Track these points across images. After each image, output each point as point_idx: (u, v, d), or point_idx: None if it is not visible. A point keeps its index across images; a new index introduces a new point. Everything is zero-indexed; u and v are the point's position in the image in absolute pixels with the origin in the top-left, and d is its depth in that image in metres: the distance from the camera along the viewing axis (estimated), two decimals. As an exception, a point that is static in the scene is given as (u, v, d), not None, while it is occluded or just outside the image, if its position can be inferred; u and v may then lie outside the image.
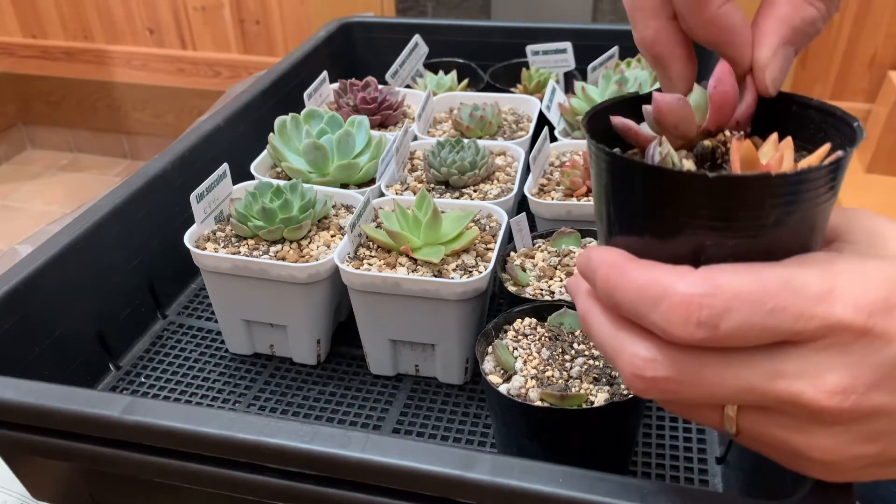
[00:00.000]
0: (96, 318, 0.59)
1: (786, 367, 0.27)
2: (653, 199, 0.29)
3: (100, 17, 1.99)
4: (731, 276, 0.27)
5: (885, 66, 1.48)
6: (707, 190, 0.27)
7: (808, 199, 0.28)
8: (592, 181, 0.33)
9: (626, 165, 0.30)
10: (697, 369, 0.28)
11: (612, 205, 0.31)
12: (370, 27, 1.01)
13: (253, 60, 1.91)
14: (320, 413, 0.57)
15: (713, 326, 0.26)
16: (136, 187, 0.63)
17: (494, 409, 0.48)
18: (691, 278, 0.27)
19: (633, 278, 0.28)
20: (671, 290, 0.27)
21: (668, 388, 0.28)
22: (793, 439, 0.28)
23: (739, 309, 0.26)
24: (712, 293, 0.26)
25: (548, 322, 0.50)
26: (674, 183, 0.28)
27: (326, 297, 0.58)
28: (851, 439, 0.27)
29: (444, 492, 0.36)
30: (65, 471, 0.48)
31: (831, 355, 0.26)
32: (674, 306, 0.26)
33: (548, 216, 0.64)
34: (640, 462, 0.51)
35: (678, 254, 0.29)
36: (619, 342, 0.29)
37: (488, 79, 0.91)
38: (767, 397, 0.27)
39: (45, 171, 2.21)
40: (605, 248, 0.30)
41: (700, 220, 0.28)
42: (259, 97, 0.80)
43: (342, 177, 0.66)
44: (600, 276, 0.29)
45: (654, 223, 0.29)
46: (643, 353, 0.28)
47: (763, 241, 0.28)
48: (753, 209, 0.27)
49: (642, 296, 0.28)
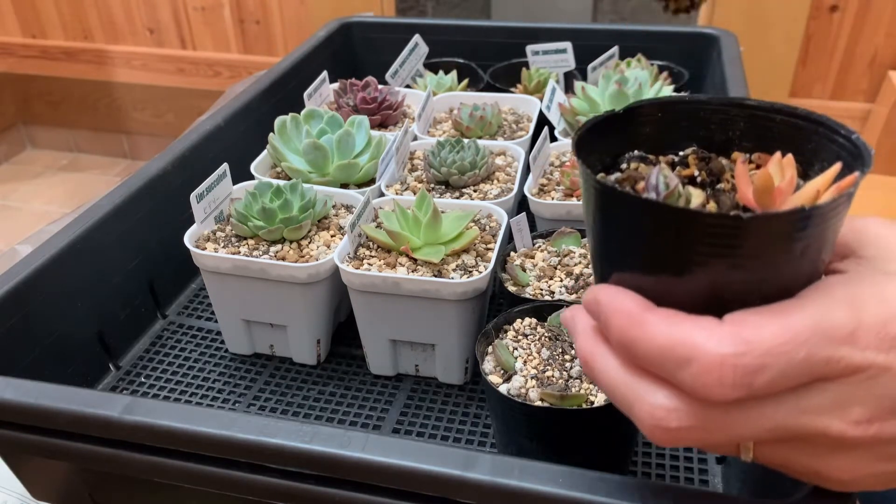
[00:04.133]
0: (96, 318, 0.59)
1: (813, 403, 0.26)
2: (674, 240, 0.27)
3: (100, 17, 1.99)
4: (759, 329, 0.26)
5: (885, 66, 1.48)
6: (739, 230, 0.26)
7: (832, 224, 0.28)
8: (584, 208, 0.31)
9: (640, 206, 0.28)
10: (723, 417, 0.27)
11: (613, 238, 0.30)
12: (370, 27, 1.01)
13: (253, 60, 1.90)
14: (320, 413, 0.57)
15: (748, 385, 0.25)
16: (136, 187, 0.63)
17: (494, 409, 0.48)
18: (719, 336, 0.26)
19: (656, 334, 0.27)
20: (701, 350, 0.25)
21: (693, 437, 0.27)
22: (813, 464, 0.28)
23: (773, 365, 0.25)
24: (744, 351, 0.25)
25: (548, 322, 0.50)
26: (703, 225, 0.26)
27: (326, 297, 0.58)
28: (871, 460, 0.27)
29: (444, 492, 0.36)
30: (65, 471, 0.48)
31: (857, 389, 0.26)
32: (706, 368, 0.25)
33: (548, 216, 0.64)
34: (640, 462, 0.51)
35: (695, 292, 0.28)
36: (635, 389, 0.28)
37: (488, 79, 0.91)
38: (793, 432, 0.27)
39: (45, 171, 2.21)
40: (615, 292, 0.29)
41: (727, 259, 0.27)
42: (259, 97, 0.80)
43: (342, 177, 0.66)
44: (616, 326, 0.28)
45: (669, 262, 0.28)
46: (665, 403, 0.27)
47: (787, 271, 0.27)
48: (784, 243, 0.27)
49: (668, 355, 0.26)
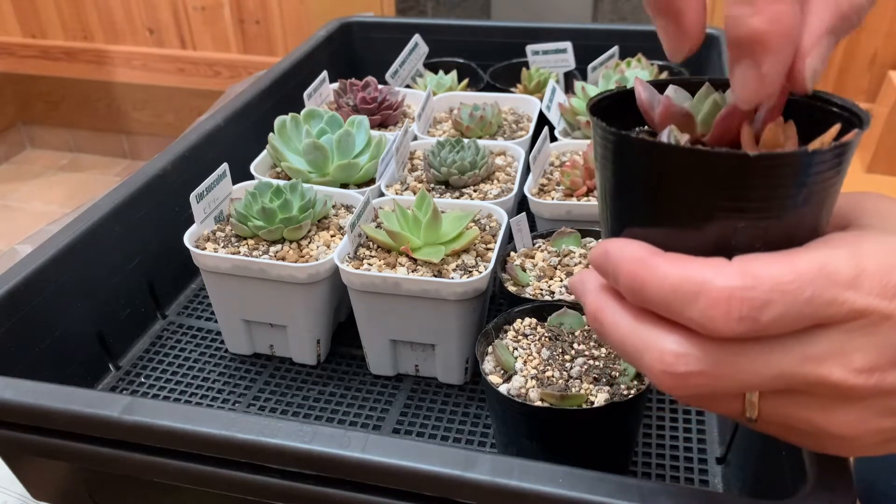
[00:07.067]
0: (96, 318, 0.59)
1: (815, 349, 0.27)
2: (682, 184, 0.28)
3: (100, 17, 1.99)
4: (767, 267, 0.26)
5: (885, 66, 1.48)
6: (748, 170, 0.26)
7: (833, 178, 0.28)
8: (598, 170, 0.31)
9: (654, 150, 0.28)
10: (730, 361, 0.27)
11: (625, 193, 0.30)
12: (370, 27, 1.01)
13: (253, 60, 1.90)
14: (320, 413, 0.57)
15: (754, 319, 0.26)
16: (136, 187, 0.63)
17: (494, 409, 0.48)
18: (728, 271, 0.26)
19: (665, 274, 0.27)
20: (709, 285, 0.26)
21: (701, 383, 0.28)
22: (815, 418, 0.28)
23: (779, 300, 0.26)
24: (752, 285, 0.26)
25: (548, 322, 0.50)
26: (713, 165, 0.27)
27: (326, 297, 0.58)
28: (873, 414, 0.28)
29: (444, 492, 0.36)
30: (65, 471, 0.48)
31: (858, 336, 0.26)
32: (714, 302, 0.26)
33: (548, 216, 0.64)
34: (640, 462, 0.51)
35: (705, 242, 0.28)
36: (644, 338, 0.28)
37: (488, 79, 0.91)
38: (797, 380, 0.27)
39: (45, 171, 2.21)
40: (624, 241, 0.29)
41: (736, 202, 0.27)
42: (259, 97, 0.80)
43: (342, 177, 0.66)
44: (625, 272, 0.28)
45: (679, 211, 0.28)
46: (674, 348, 0.27)
47: (790, 221, 0.28)
48: (788, 186, 0.27)
49: (677, 292, 0.27)
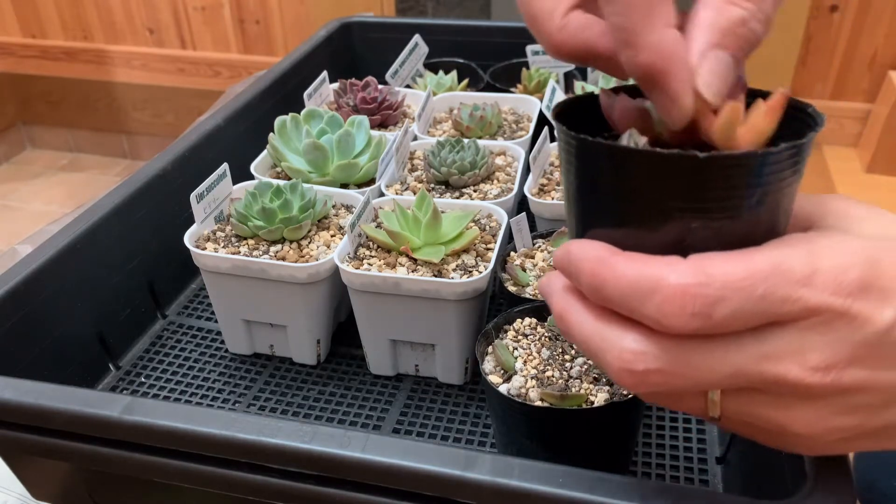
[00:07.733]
0: (96, 319, 0.59)
1: (771, 348, 0.27)
2: (638, 185, 0.28)
3: (100, 17, 1.99)
4: (721, 264, 0.27)
5: (885, 66, 1.48)
6: (699, 171, 0.27)
7: (788, 178, 0.28)
8: (563, 174, 0.32)
9: (609, 152, 0.29)
10: (687, 358, 0.28)
11: (587, 196, 0.31)
12: (370, 27, 1.01)
13: (253, 60, 1.90)
14: (320, 413, 0.57)
15: (707, 315, 0.26)
16: (136, 187, 0.63)
17: (494, 409, 0.48)
18: (682, 268, 0.27)
19: (623, 272, 0.28)
20: (664, 281, 0.27)
21: (660, 381, 0.28)
22: (776, 416, 0.29)
23: (732, 297, 0.26)
24: (705, 282, 0.26)
25: (548, 322, 0.50)
26: (665, 166, 0.27)
27: (326, 297, 0.58)
28: (831, 412, 0.28)
29: (444, 492, 0.36)
30: (65, 471, 0.48)
31: (814, 334, 0.27)
32: (668, 298, 0.27)
33: (548, 216, 0.64)
34: (640, 462, 0.51)
35: (662, 242, 0.29)
36: (606, 336, 0.29)
37: (488, 79, 0.91)
38: (754, 379, 0.28)
39: (45, 171, 2.21)
40: (585, 242, 0.30)
41: (688, 202, 0.28)
42: (259, 97, 0.80)
43: (342, 177, 0.66)
44: (586, 271, 0.29)
45: (636, 211, 0.29)
46: (632, 346, 0.28)
47: (745, 221, 0.28)
48: (743, 187, 0.27)
49: (634, 289, 0.27)
